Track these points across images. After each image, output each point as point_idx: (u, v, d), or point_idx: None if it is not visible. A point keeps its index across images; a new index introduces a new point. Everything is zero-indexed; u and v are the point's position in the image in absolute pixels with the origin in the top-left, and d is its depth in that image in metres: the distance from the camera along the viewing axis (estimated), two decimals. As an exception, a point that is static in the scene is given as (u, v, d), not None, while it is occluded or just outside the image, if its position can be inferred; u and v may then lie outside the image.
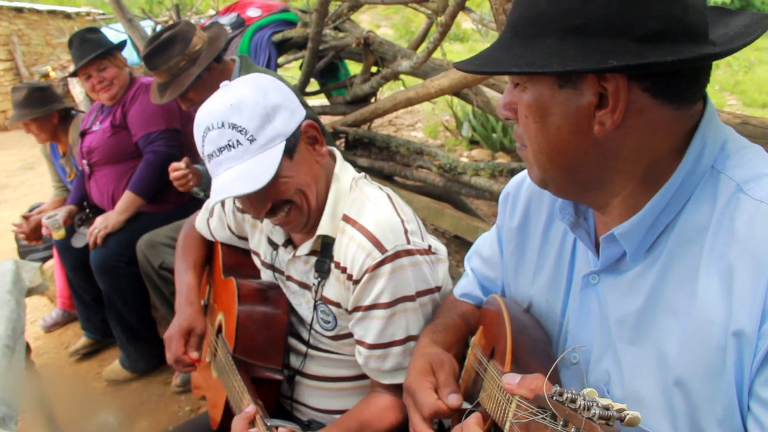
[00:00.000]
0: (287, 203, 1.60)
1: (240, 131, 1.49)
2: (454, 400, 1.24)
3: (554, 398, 0.78)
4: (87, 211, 3.77)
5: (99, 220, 3.48)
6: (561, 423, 0.77)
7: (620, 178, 1.02)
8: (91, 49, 3.48)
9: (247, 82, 1.57)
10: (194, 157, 3.49)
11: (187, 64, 2.97)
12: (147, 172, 3.49)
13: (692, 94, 0.97)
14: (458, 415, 1.29)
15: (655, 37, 0.88)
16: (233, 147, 1.49)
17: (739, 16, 1.01)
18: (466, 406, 1.29)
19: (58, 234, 3.70)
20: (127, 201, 3.49)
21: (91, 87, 3.59)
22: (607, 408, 0.71)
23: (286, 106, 1.56)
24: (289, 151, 1.55)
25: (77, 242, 3.69)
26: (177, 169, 3.03)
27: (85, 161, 3.70)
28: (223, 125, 1.49)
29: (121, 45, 3.69)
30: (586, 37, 0.89)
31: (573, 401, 0.74)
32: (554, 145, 1.00)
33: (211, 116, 1.51)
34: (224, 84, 1.60)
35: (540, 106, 0.98)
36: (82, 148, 3.70)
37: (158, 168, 3.45)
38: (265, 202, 1.58)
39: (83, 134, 3.75)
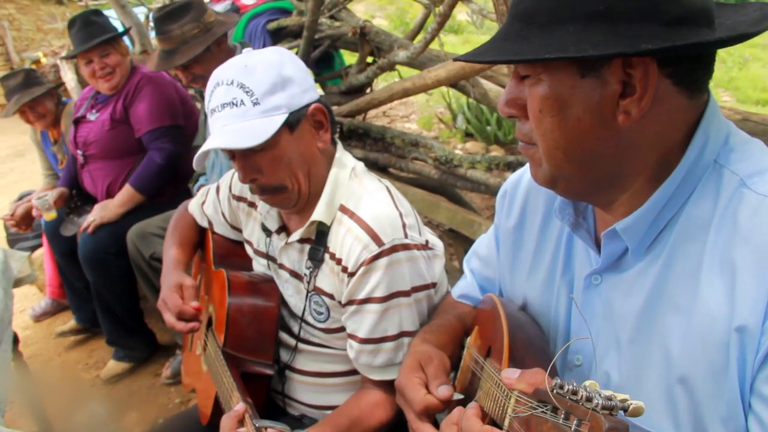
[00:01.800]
0: (276, 189, 1.60)
1: (247, 92, 1.50)
2: (444, 391, 1.22)
3: (555, 391, 0.76)
4: (75, 199, 3.71)
5: (97, 209, 3.43)
6: (562, 416, 0.75)
7: (633, 173, 0.99)
8: (95, 33, 3.36)
9: (270, 50, 1.60)
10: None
11: (201, 32, 2.94)
12: (150, 170, 3.41)
13: (704, 82, 0.96)
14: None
15: (679, 21, 0.85)
16: (236, 105, 1.50)
17: (736, 8, 0.98)
18: (458, 397, 1.27)
19: (49, 215, 3.63)
20: (126, 195, 3.42)
21: (91, 73, 3.45)
22: (609, 398, 0.69)
23: (300, 83, 1.57)
24: (290, 125, 1.55)
25: (66, 231, 3.63)
26: None
27: (79, 152, 3.61)
28: (232, 83, 1.51)
29: (125, 31, 3.63)
30: (611, 23, 0.86)
31: (574, 393, 0.73)
32: (573, 139, 0.96)
33: (223, 73, 1.54)
34: (247, 50, 1.61)
35: (558, 98, 0.94)
36: (77, 138, 3.60)
37: (163, 166, 3.40)
38: (256, 171, 1.57)
39: (77, 122, 3.64)
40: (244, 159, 1.55)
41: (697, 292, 0.93)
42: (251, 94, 1.50)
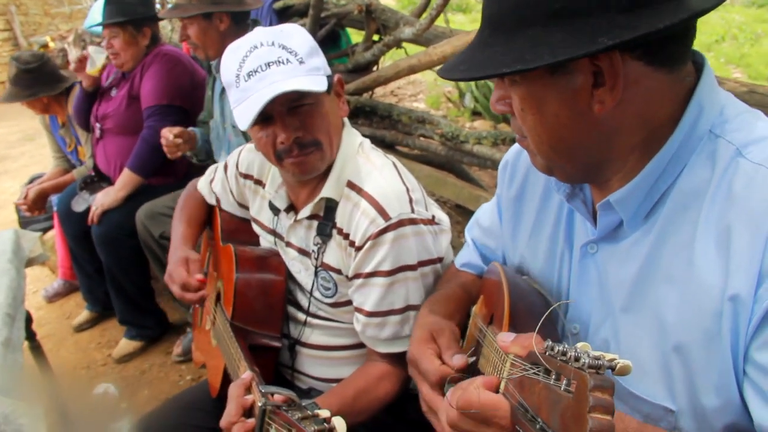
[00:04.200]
0: (315, 144, 1.59)
1: (290, 52, 1.53)
2: (458, 360, 1.23)
3: (546, 353, 0.77)
4: (93, 174, 3.72)
5: (99, 196, 3.45)
6: (553, 376, 0.76)
7: (621, 154, 1.00)
8: (111, 14, 3.39)
9: (289, 24, 1.64)
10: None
11: (207, 2, 2.95)
12: (142, 148, 3.42)
13: (682, 54, 0.95)
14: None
15: (638, 3, 0.85)
16: (283, 63, 1.52)
17: None
18: (472, 360, 1.28)
19: (93, 69, 3.55)
20: (125, 179, 3.44)
21: (107, 47, 3.52)
22: (597, 357, 0.70)
23: (323, 56, 1.62)
24: (328, 87, 1.57)
25: (77, 206, 3.64)
26: (167, 135, 3.02)
27: (98, 124, 3.65)
28: (273, 44, 1.53)
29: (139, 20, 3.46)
30: (570, 20, 0.86)
31: (564, 354, 0.74)
32: (555, 132, 0.98)
33: (260, 37, 1.54)
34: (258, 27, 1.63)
35: (534, 96, 0.96)
36: (98, 110, 3.65)
37: (152, 144, 3.36)
38: (299, 129, 1.56)
39: (101, 94, 3.68)
40: (289, 117, 1.55)
41: (691, 261, 0.94)
42: (295, 54, 1.52)
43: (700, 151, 0.96)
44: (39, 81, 3.89)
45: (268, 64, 1.50)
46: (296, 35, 1.56)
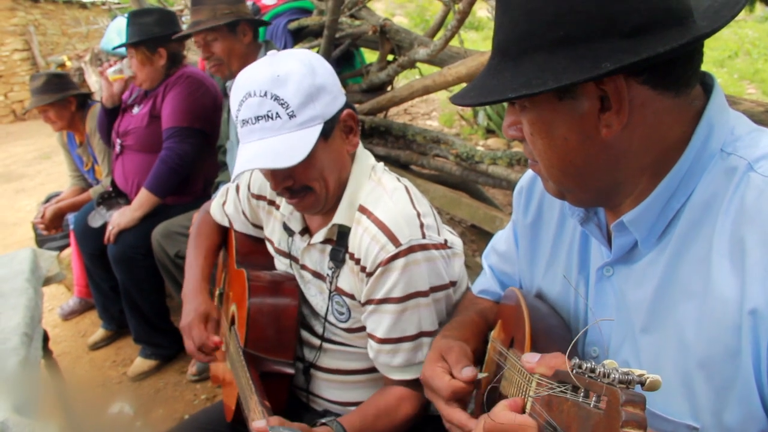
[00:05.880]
0: (307, 189, 1.59)
1: (282, 104, 1.48)
2: (468, 372, 1.24)
3: (574, 370, 0.78)
4: (110, 190, 3.74)
5: (115, 216, 3.47)
6: (582, 394, 0.76)
7: (631, 177, 1.01)
8: (131, 35, 3.43)
9: (298, 56, 1.56)
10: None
11: (230, 15, 2.99)
12: (160, 169, 3.44)
13: (689, 77, 0.96)
14: (483, 399, 1.30)
15: (641, 29, 0.86)
16: (271, 118, 1.49)
17: None
18: (482, 375, 1.29)
19: (115, 76, 3.67)
20: (142, 199, 3.45)
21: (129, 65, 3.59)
22: (626, 373, 0.71)
23: (330, 90, 1.56)
24: (325, 134, 1.54)
25: (94, 221, 3.67)
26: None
27: (118, 140, 3.67)
28: (265, 94, 1.48)
29: (156, 38, 3.47)
30: (574, 45, 0.89)
31: (593, 371, 0.74)
32: (564, 156, 1.00)
33: (254, 82, 1.50)
34: (272, 53, 1.58)
35: (543, 121, 0.98)
36: (119, 126, 3.68)
37: (170, 165, 3.42)
38: (287, 179, 1.57)
39: (124, 110, 3.72)
40: (277, 171, 1.55)
41: (709, 276, 0.94)
42: (286, 107, 1.48)
43: (711, 169, 0.97)
44: (68, 85, 4.04)
45: (258, 118, 1.49)
46: (292, 81, 1.49)
